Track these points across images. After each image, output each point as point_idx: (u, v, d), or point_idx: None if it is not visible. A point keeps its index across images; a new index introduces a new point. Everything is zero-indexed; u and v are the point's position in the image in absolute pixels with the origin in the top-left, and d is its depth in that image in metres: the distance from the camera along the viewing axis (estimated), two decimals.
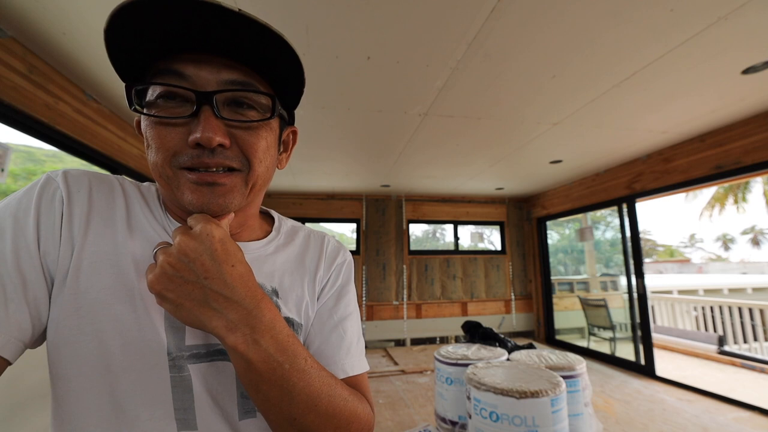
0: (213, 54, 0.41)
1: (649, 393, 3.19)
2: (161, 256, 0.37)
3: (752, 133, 2.76)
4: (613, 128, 2.96)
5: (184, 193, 0.41)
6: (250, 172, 0.44)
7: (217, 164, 0.41)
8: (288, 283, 0.52)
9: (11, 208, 0.39)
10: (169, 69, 0.40)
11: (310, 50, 1.86)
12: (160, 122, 0.40)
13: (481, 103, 2.49)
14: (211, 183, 0.41)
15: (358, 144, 3.29)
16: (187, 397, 0.41)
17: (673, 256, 36.43)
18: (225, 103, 0.42)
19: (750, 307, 5.10)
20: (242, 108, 0.42)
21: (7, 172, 1.79)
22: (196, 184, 0.41)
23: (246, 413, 0.45)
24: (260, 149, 0.44)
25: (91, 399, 0.38)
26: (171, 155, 0.40)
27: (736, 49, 1.91)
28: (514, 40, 1.80)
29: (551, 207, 5.27)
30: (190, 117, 0.40)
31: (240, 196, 0.44)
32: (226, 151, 0.41)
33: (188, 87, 0.39)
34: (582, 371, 0.71)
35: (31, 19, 1.63)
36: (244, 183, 0.44)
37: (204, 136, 0.38)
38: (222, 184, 0.42)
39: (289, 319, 0.50)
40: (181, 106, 0.40)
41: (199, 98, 0.39)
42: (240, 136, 0.42)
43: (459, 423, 0.74)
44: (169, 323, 0.42)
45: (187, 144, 0.40)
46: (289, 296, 0.51)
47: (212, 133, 0.39)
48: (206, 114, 0.39)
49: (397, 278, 5.37)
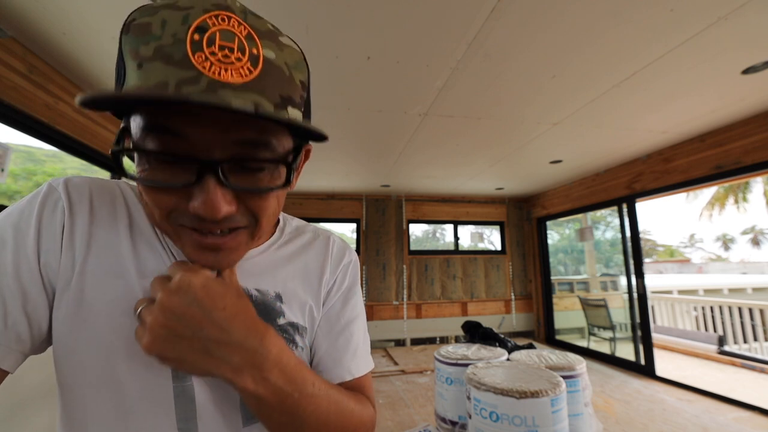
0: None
1: (649, 393, 3.19)
2: (148, 317, 0.35)
3: (752, 133, 2.76)
4: (613, 128, 2.96)
5: (187, 251, 0.38)
6: (257, 226, 0.40)
7: (222, 228, 0.37)
8: (292, 288, 0.50)
9: (13, 218, 0.38)
10: (163, 125, 0.33)
11: (311, 50, 1.86)
12: (156, 188, 0.35)
13: (481, 103, 2.49)
14: (216, 248, 0.38)
15: (358, 144, 3.29)
16: (189, 407, 0.41)
17: (673, 256, 36.45)
18: (232, 168, 0.35)
19: (750, 307, 5.10)
20: (252, 171, 0.36)
21: (7, 172, 1.79)
22: (199, 247, 0.38)
23: (249, 419, 0.45)
24: (270, 208, 0.40)
25: (96, 409, 0.39)
26: (168, 213, 0.36)
27: (736, 49, 1.91)
28: (514, 40, 1.80)
29: (551, 207, 5.27)
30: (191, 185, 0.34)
31: (246, 249, 0.42)
32: (234, 215, 0.37)
33: (188, 153, 0.33)
34: (582, 371, 0.71)
35: (31, 19, 1.63)
36: (250, 237, 0.41)
37: (208, 209, 0.34)
38: (228, 248, 0.39)
39: (294, 323, 0.49)
40: (179, 171, 0.34)
41: (203, 167, 0.33)
42: (249, 200, 0.37)
43: (459, 423, 0.74)
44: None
45: (187, 206, 0.35)
46: (293, 300, 0.50)
47: (218, 205, 0.34)
48: (211, 184, 0.33)
49: (397, 278, 5.37)
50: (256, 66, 0.33)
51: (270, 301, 0.48)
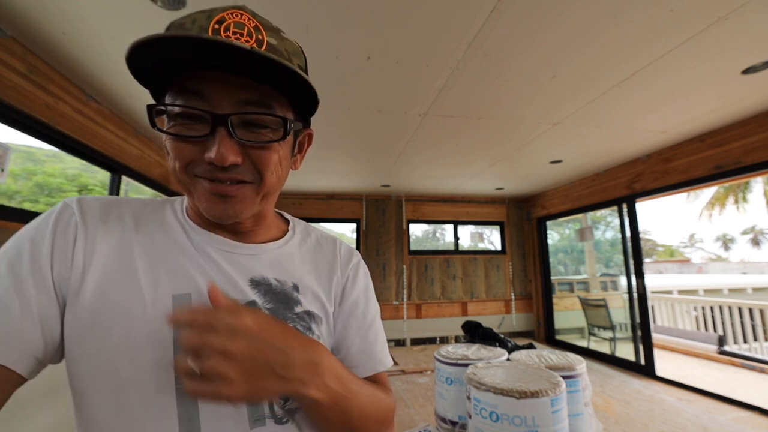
0: (231, 73, 0.42)
1: (649, 393, 3.19)
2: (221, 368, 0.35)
3: (752, 133, 2.76)
4: (613, 128, 2.96)
5: (201, 201, 0.45)
6: (261, 183, 0.46)
7: (230, 179, 0.44)
8: (306, 281, 0.55)
9: (30, 233, 0.43)
10: (187, 88, 0.42)
11: (310, 50, 1.86)
12: (178, 138, 0.43)
13: (481, 103, 2.49)
14: (224, 195, 0.44)
15: (358, 144, 3.29)
16: (192, 409, 0.42)
17: (673, 256, 36.44)
18: (240, 124, 0.43)
19: (750, 307, 5.10)
20: (256, 127, 0.44)
21: (7, 172, 1.79)
22: (211, 194, 0.44)
23: (256, 421, 0.45)
24: (272, 164, 0.46)
25: (103, 413, 0.40)
26: (187, 164, 0.43)
27: (736, 49, 1.91)
28: (514, 40, 1.80)
29: (551, 207, 5.26)
30: (206, 137, 0.42)
31: (251, 205, 0.47)
32: (239, 167, 0.44)
33: (205, 109, 0.42)
34: (582, 371, 0.71)
35: (31, 19, 1.63)
36: (256, 193, 0.47)
37: (218, 156, 0.41)
38: (233, 196, 0.45)
39: (310, 312, 0.53)
40: (198, 124, 0.42)
41: (215, 120, 0.42)
42: (253, 153, 0.44)
43: (459, 423, 0.74)
44: (177, 335, 0.42)
45: (202, 157, 0.42)
46: (308, 292, 0.54)
47: (226, 154, 0.41)
48: (221, 135, 0.42)
49: (397, 278, 5.37)
50: (260, 47, 0.42)
51: (288, 291, 0.52)
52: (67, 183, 6.28)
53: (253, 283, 0.50)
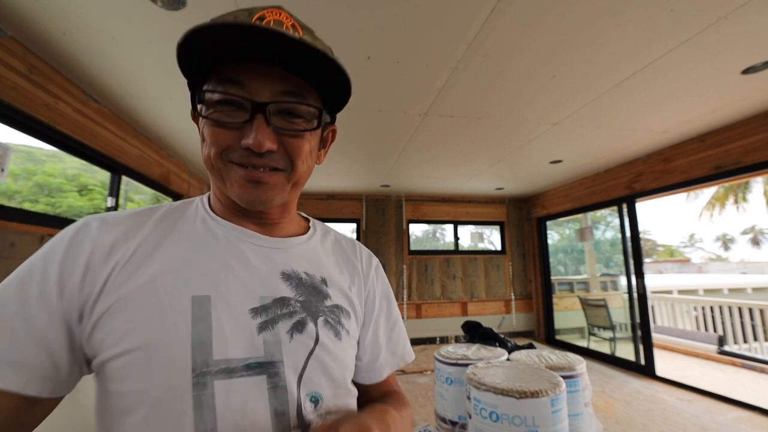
0: (269, 65, 0.44)
1: (649, 393, 3.19)
2: None
3: (752, 133, 2.76)
4: (613, 128, 2.96)
5: (233, 187, 0.46)
6: (293, 171, 0.48)
7: (264, 165, 0.45)
8: (333, 276, 0.56)
9: (44, 251, 0.43)
10: (229, 77, 0.44)
11: None
12: (217, 124, 0.44)
13: (481, 103, 2.49)
14: (257, 181, 0.46)
15: (358, 144, 3.29)
16: (209, 418, 0.40)
17: (673, 256, 36.42)
18: (276, 112, 0.45)
19: (750, 307, 5.10)
20: (291, 116, 0.46)
21: (7, 172, 1.79)
22: (244, 180, 0.45)
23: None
24: (304, 153, 0.48)
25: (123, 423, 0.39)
26: (222, 150, 0.45)
27: (736, 49, 1.91)
28: (514, 40, 1.80)
29: (551, 207, 5.26)
30: (244, 123, 0.44)
31: (282, 193, 0.49)
32: (273, 154, 0.45)
33: (245, 96, 0.44)
34: (582, 371, 0.71)
35: (31, 19, 1.63)
36: (287, 181, 0.48)
37: (256, 142, 0.43)
38: (266, 183, 0.46)
39: (340, 306, 0.54)
40: (237, 111, 0.44)
41: (254, 107, 0.43)
42: (287, 141, 0.46)
43: (459, 423, 0.74)
44: (197, 337, 0.41)
45: (239, 144, 0.44)
46: (336, 287, 0.55)
47: (263, 140, 0.43)
48: (259, 122, 0.43)
49: (397, 278, 5.37)
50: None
51: (318, 284, 0.53)
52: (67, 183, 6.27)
53: (285, 276, 0.50)
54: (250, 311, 0.45)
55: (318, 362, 0.47)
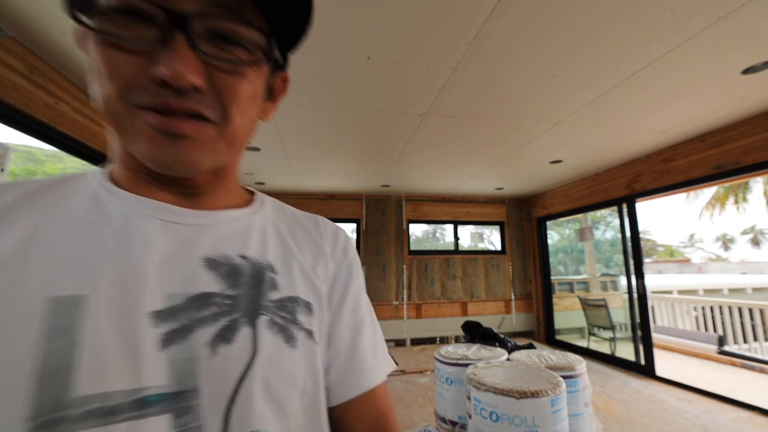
0: None
1: (649, 393, 3.19)
2: None
3: (752, 133, 2.76)
4: (613, 128, 2.96)
5: (139, 141, 0.31)
6: (226, 123, 0.34)
7: (185, 109, 0.31)
8: (286, 258, 0.42)
9: None
10: None
11: (310, 50, 1.86)
12: (114, 44, 0.30)
13: (481, 103, 2.49)
14: (176, 134, 0.31)
15: (358, 144, 3.29)
16: None
17: (673, 256, 36.43)
18: (205, 34, 0.31)
19: (750, 307, 5.10)
20: (226, 43, 0.33)
21: (7, 172, 1.79)
22: (156, 132, 0.31)
23: None
24: (243, 97, 0.35)
25: None
26: (124, 87, 0.30)
27: (736, 49, 1.91)
28: (514, 40, 1.80)
29: (551, 207, 5.27)
30: (155, 45, 0.30)
31: (212, 153, 0.34)
32: (200, 95, 0.32)
33: (158, 2, 0.29)
34: (582, 371, 0.71)
35: (31, 19, 1.63)
36: (218, 136, 0.34)
37: (173, 72, 0.29)
38: (188, 136, 0.32)
39: (295, 298, 0.40)
40: (145, 27, 0.30)
41: (172, 21, 0.30)
42: (220, 78, 0.33)
43: (459, 423, 0.74)
44: (47, 361, 0.26)
45: (147, 77, 0.30)
46: (289, 272, 0.41)
47: (184, 70, 0.29)
48: (179, 43, 0.30)
49: (397, 278, 5.37)
50: None
51: (260, 271, 0.39)
52: None
53: (210, 264, 0.36)
54: (150, 316, 0.31)
55: (258, 384, 0.33)
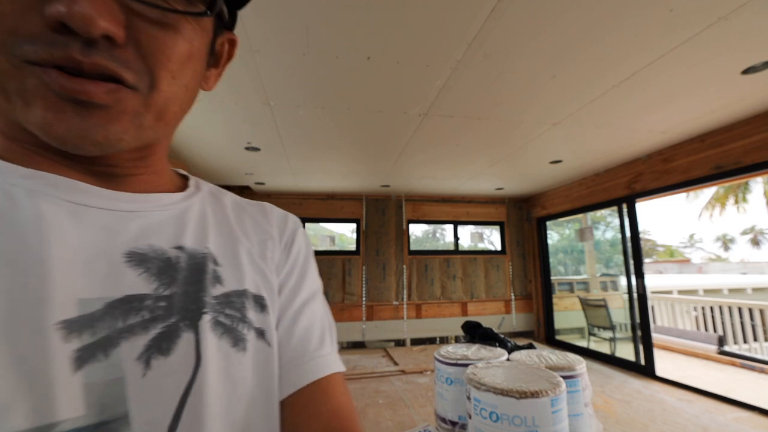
0: None
1: (649, 393, 3.19)
2: None
3: (752, 133, 2.76)
4: (613, 128, 2.96)
5: (30, 107, 0.23)
6: (154, 92, 0.26)
7: (98, 68, 0.23)
8: (232, 246, 0.36)
9: None
10: None
11: (310, 50, 1.86)
12: None
13: (481, 103, 2.49)
14: (85, 101, 0.24)
15: (358, 144, 3.29)
16: None
17: (673, 256, 36.44)
18: None
19: (750, 307, 5.10)
20: None
21: None
22: (57, 97, 0.23)
23: None
24: (176, 57, 0.27)
25: None
26: (5, 33, 0.22)
27: (736, 49, 1.91)
28: (514, 40, 1.80)
29: (551, 207, 5.27)
30: None
31: (134, 129, 0.27)
32: (116, 49, 0.24)
33: None
34: (582, 371, 0.71)
35: None
36: (143, 106, 0.26)
37: (78, 12, 0.21)
38: (102, 104, 0.24)
39: (243, 291, 0.34)
40: None
41: None
42: (145, 31, 0.25)
43: (459, 423, 0.74)
44: None
45: (40, 19, 0.22)
46: (235, 262, 0.36)
47: (92, 10, 0.22)
48: None
49: (397, 278, 5.37)
50: None
51: (199, 264, 0.32)
52: None
53: (135, 259, 0.29)
54: (59, 329, 0.23)
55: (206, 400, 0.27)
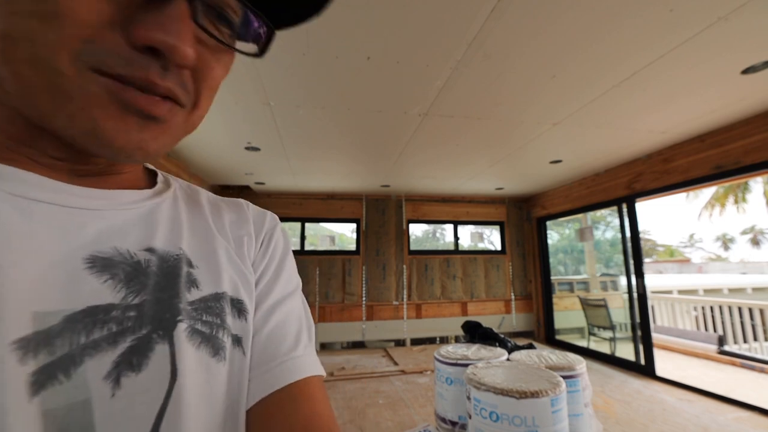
0: None
1: (649, 393, 3.19)
2: None
3: (752, 133, 2.76)
4: (613, 128, 2.96)
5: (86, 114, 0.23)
6: (194, 110, 0.29)
7: (168, 90, 0.25)
8: (208, 246, 0.35)
9: None
10: None
11: (310, 50, 1.86)
12: None
13: (481, 103, 2.49)
14: (151, 117, 0.25)
15: (358, 144, 3.29)
16: None
17: (673, 256, 36.43)
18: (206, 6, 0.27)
19: (750, 307, 5.10)
20: (219, 20, 0.28)
21: None
22: (121, 109, 0.24)
23: None
24: (217, 82, 0.30)
25: None
26: (82, 40, 0.22)
27: (736, 49, 1.91)
28: (514, 40, 1.80)
29: (551, 207, 5.27)
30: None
31: (172, 142, 0.29)
32: (183, 74, 0.26)
33: None
34: (582, 371, 0.71)
35: None
36: (184, 124, 0.29)
37: (173, 43, 0.23)
38: (162, 119, 0.26)
39: (221, 294, 0.33)
40: None
41: None
42: (203, 57, 0.27)
43: (459, 423, 0.74)
44: None
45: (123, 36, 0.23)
46: (212, 264, 0.34)
47: (184, 43, 0.24)
48: (179, 8, 0.24)
49: (397, 278, 5.37)
50: None
51: (172, 267, 0.31)
52: None
53: (97, 264, 0.26)
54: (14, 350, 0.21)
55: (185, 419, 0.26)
